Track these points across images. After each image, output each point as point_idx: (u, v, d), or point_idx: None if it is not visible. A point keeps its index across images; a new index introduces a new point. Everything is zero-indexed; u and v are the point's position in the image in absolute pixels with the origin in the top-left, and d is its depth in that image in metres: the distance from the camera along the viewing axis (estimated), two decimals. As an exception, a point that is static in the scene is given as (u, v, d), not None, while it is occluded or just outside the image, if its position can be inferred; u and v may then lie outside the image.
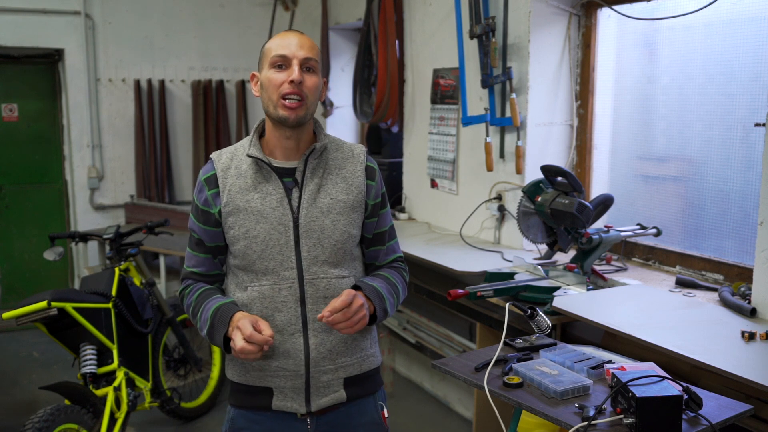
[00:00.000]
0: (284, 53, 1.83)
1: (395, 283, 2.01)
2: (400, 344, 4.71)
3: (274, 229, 1.85)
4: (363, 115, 5.07)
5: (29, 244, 5.84)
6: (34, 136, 5.81)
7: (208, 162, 1.96)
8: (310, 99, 1.85)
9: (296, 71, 1.81)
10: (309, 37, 1.91)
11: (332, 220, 1.88)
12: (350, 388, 1.94)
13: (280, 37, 1.87)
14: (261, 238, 1.85)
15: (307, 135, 1.92)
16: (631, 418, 1.74)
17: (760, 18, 2.89)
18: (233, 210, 1.87)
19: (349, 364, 1.94)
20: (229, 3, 6.11)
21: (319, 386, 1.90)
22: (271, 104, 1.84)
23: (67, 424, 2.99)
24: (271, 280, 1.87)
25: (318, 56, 1.88)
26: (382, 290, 1.94)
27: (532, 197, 3.07)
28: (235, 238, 1.88)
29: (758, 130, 2.82)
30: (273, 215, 1.86)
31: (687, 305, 2.72)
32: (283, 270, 1.86)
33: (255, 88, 1.92)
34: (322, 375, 1.90)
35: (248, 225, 1.86)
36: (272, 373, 1.89)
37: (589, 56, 3.65)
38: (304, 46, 1.84)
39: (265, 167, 1.88)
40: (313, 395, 1.90)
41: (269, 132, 1.91)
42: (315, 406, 1.91)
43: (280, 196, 1.86)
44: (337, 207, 1.89)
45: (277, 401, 1.91)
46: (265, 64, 1.86)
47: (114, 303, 3.42)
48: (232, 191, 1.88)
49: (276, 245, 1.85)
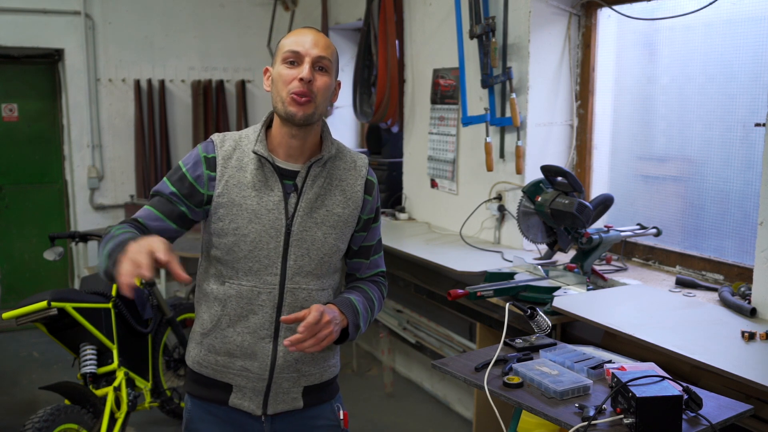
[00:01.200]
0: (297, 50, 1.78)
1: (372, 298, 1.97)
2: (400, 344, 4.71)
3: (266, 231, 1.82)
4: (363, 115, 5.07)
5: (29, 244, 5.84)
6: (34, 136, 5.81)
7: (208, 141, 1.89)
8: (319, 99, 1.80)
9: (307, 69, 1.76)
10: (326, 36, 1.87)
11: (324, 232, 1.86)
12: (307, 396, 1.93)
13: (296, 34, 1.83)
14: (251, 238, 1.81)
15: (314, 137, 1.87)
16: (631, 418, 1.74)
17: (760, 18, 2.89)
18: (227, 202, 1.82)
19: (312, 374, 1.92)
20: (229, 3, 6.11)
21: (279, 392, 1.89)
22: (280, 100, 1.79)
23: (67, 424, 2.99)
24: (252, 281, 1.83)
25: (333, 56, 1.83)
26: (358, 305, 1.90)
27: (532, 197, 3.07)
28: (223, 231, 1.83)
29: (758, 130, 2.82)
30: (267, 217, 1.82)
31: (687, 305, 2.72)
32: (267, 274, 1.83)
33: (266, 82, 1.87)
34: (284, 382, 1.89)
35: (240, 222, 1.82)
36: (235, 372, 1.88)
37: (589, 56, 3.65)
38: (318, 45, 1.80)
39: (267, 166, 1.83)
40: (272, 399, 1.89)
41: (276, 128, 1.87)
42: (271, 410, 1.90)
43: (278, 199, 1.83)
44: (330, 220, 1.87)
45: (235, 399, 1.90)
46: (278, 59, 1.82)
47: (114, 303, 3.42)
48: (230, 183, 1.83)
49: (264, 249, 1.82)
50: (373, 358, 4.98)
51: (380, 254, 2.07)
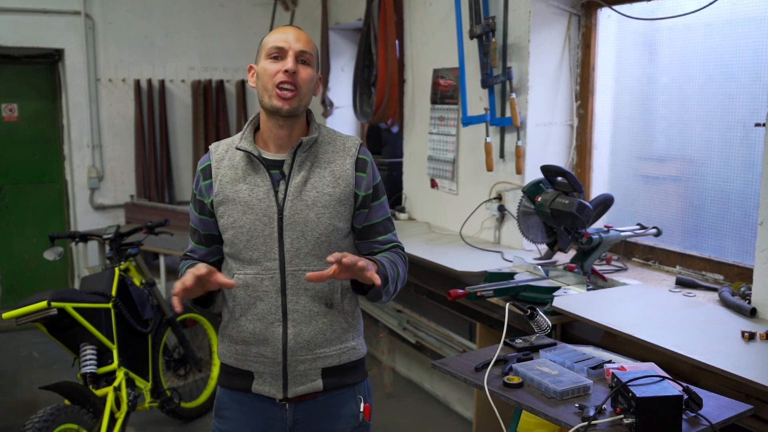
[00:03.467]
0: (281, 45, 1.89)
1: (394, 261, 1.99)
2: (400, 344, 4.71)
3: (259, 220, 1.90)
4: (363, 115, 5.07)
5: (29, 244, 5.85)
6: (34, 136, 5.82)
7: (206, 153, 2.03)
8: (304, 90, 1.90)
9: (291, 62, 1.87)
10: (307, 33, 1.96)
11: (317, 213, 1.91)
12: (328, 379, 1.97)
13: (278, 31, 1.94)
14: (246, 228, 1.91)
15: (300, 126, 1.97)
16: (631, 418, 1.74)
17: (760, 18, 2.89)
18: (223, 200, 1.94)
19: (328, 355, 1.96)
20: (229, 3, 6.11)
21: (296, 374, 1.94)
22: (266, 94, 1.89)
23: (67, 424, 2.99)
24: (255, 269, 1.92)
25: (314, 51, 1.94)
26: (383, 260, 1.93)
27: (532, 197, 3.07)
28: (224, 227, 1.95)
29: (758, 130, 2.82)
30: (259, 206, 1.90)
31: (687, 305, 2.72)
32: (266, 261, 1.91)
33: (251, 79, 1.97)
34: (299, 364, 1.94)
35: (236, 215, 1.92)
36: (253, 359, 1.96)
37: (589, 56, 3.65)
38: (300, 39, 1.90)
39: (254, 159, 1.93)
40: (290, 383, 1.95)
41: (263, 123, 1.97)
42: (291, 393, 1.95)
43: (267, 188, 1.91)
44: (322, 200, 1.92)
45: (257, 385, 1.97)
46: (262, 56, 1.93)
47: (114, 303, 3.42)
48: (223, 181, 1.94)
49: (260, 236, 1.90)
50: (373, 358, 4.98)
51: (393, 232, 2.08)
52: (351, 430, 2.02)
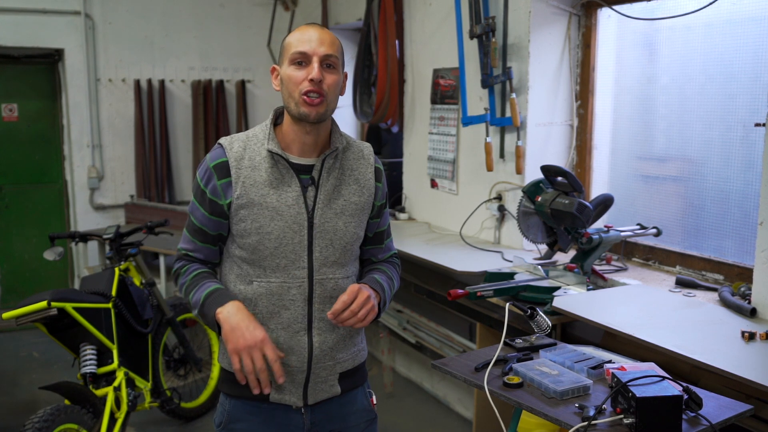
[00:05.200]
0: (304, 50, 1.81)
1: (391, 277, 2.05)
2: (400, 344, 4.71)
3: (289, 227, 1.85)
4: (363, 115, 5.07)
5: (29, 244, 5.84)
6: (34, 136, 5.81)
7: (216, 147, 1.91)
8: (330, 96, 1.84)
9: (316, 69, 1.79)
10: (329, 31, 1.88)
11: (344, 221, 1.90)
12: (343, 382, 1.98)
13: (301, 32, 1.85)
14: (275, 235, 1.84)
15: (326, 131, 1.91)
16: (631, 418, 1.74)
17: (760, 18, 2.89)
18: (247, 203, 1.84)
19: (345, 360, 1.97)
20: (229, 3, 6.11)
21: (318, 381, 1.93)
22: (292, 101, 1.82)
23: (67, 424, 2.99)
24: (281, 277, 1.87)
25: (339, 51, 1.86)
26: (383, 283, 1.98)
27: (532, 197, 3.07)
28: (246, 231, 1.85)
29: (758, 130, 2.82)
30: (288, 213, 1.84)
31: (687, 305, 2.72)
32: (295, 269, 1.86)
33: (275, 82, 1.90)
34: (321, 371, 1.93)
35: (262, 221, 1.84)
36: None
37: (589, 56, 3.65)
38: (324, 42, 1.82)
39: (282, 162, 1.85)
40: (311, 390, 1.93)
41: (287, 126, 1.89)
42: (311, 399, 1.94)
43: (297, 194, 1.85)
44: (349, 209, 1.91)
45: (275, 394, 1.92)
46: (285, 60, 1.84)
47: (114, 303, 3.42)
48: (247, 183, 1.84)
49: (290, 244, 1.85)
50: (373, 358, 4.98)
51: (391, 238, 2.13)
52: (365, 423, 2.04)
